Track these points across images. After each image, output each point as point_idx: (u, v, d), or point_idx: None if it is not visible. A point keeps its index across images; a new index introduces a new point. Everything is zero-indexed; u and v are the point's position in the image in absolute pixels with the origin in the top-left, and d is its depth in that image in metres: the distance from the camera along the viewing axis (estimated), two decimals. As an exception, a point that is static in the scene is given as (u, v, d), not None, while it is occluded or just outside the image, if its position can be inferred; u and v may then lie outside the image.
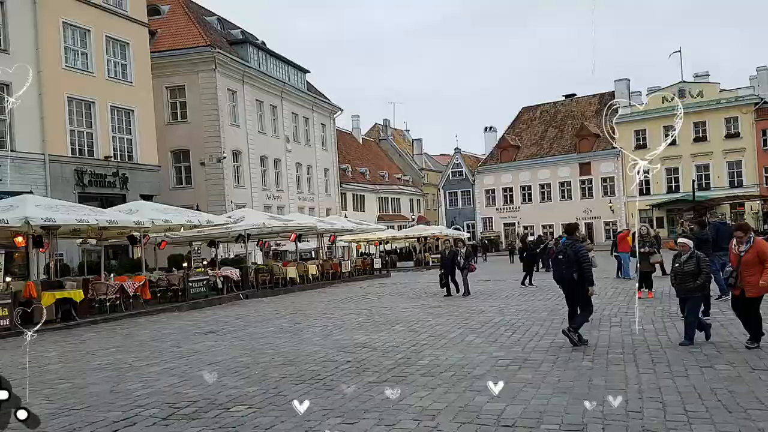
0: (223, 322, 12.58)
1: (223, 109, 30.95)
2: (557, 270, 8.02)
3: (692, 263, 7.44)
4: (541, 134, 56.00)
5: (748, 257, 6.86)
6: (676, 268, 7.60)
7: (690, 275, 7.43)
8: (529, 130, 57.11)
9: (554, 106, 57.90)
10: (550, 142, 54.80)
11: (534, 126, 57.24)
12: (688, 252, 7.56)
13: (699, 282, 7.39)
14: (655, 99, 48.95)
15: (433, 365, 7.05)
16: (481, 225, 56.87)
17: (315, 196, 41.22)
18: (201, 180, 30.17)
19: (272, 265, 21.51)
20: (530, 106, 59.56)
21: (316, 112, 42.31)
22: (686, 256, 7.56)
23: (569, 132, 54.12)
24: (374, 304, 14.59)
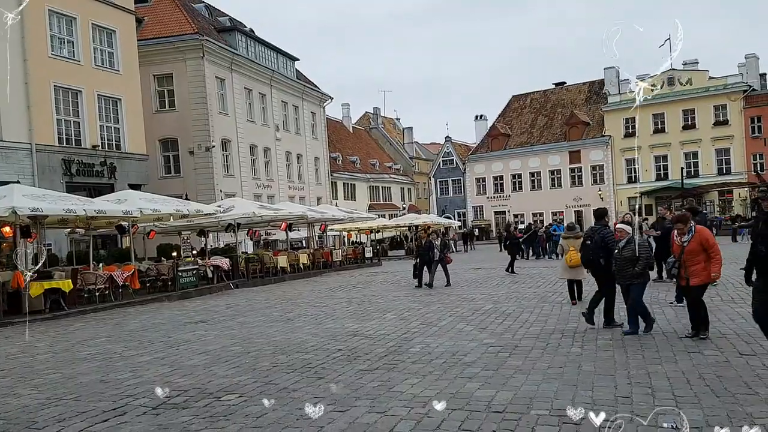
0: (213, 312, 12.55)
1: (211, 97, 30.67)
2: (585, 254, 8.28)
3: (630, 249, 7.29)
4: (531, 122, 56.06)
5: (691, 246, 6.85)
6: (615, 255, 7.46)
7: (629, 261, 7.26)
8: (519, 119, 57.14)
9: (544, 95, 57.92)
10: (540, 130, 54.90)
11: (524, 114, 57.27)
12: (626, 237, 7.42)
13: (638, 269, 7.21)
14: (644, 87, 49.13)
15: (424, 353, 7.07)
16: (472, 213, 57.03)
17: (305, 185, 41.08)
18: (190, 169, 29.95)
19: (263, 255, 21.46)
20: (520, 95, 59.55)
21: (306, 100, 42.03)
22: (624, 241, 7.41)
23: (559, 120, 54.21)
24: (365, 293, 14.61)
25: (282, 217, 22.04)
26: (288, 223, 22.99)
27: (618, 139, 49.59)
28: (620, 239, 7.46)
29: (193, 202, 21.15)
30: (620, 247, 7.40)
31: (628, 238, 7.41)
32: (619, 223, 7.71)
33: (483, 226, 55.39)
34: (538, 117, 56.20)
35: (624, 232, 7.46)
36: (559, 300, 11.24)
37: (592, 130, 51.68)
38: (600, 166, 50.81)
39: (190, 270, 17.15)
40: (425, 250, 15.33)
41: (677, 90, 47.55)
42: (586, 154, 51.02)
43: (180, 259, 18.16)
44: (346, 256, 27.50)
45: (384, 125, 66.91)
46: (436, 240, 15.50)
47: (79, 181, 21.88)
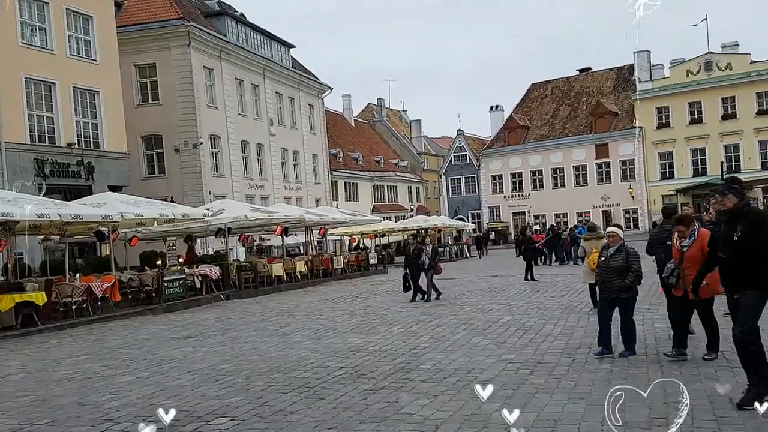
0: (202, 326, 12.57)
1: (198, 89, 30.78)
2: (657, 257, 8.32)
3: (620, 257, 7.06)
4: (553, 113, 55.97)
5: (692, 252, 6.49)
6: (601, 263, 7.23)
7: (616, 272, 7.03)
8: (539, 109, 57.06)
9: (567, 82, 57.83)
10: (562, 121, 54.79)
11: (545, 104, 57.19)
12: (616, 244, 7.19)
13: (627, 281, 6.98)
14: (679, 72, 48.94)
15: (435, 370, 7.06)
16: (488, 215, 56.98)
17: (302, 184, 41.15)
18: (175, 169, 30.07)
19: (256, 262, 21.50)
20: (540, 83, 59.48)
21: (303, 91, 42.14)
22: (614, 248, 7.18)
23: (584, 110, 54.10)
24: (369, 304, 14.61)
25: (277, 220, 22.07)
26: (284, 227, 23.02)
27: (650, 131, 49.41)
28: (611, 245, 7.23)
29: (179, 204, 21.22)
30: (608, 254, 7.18)
31: (619, 245, 7.19)
32: (611, 227, 7.46)
33: (500, 229, 55.32)
34: (560, 107, 56.11)
35: (616, 238, 7.23)
36: (585, 310, 11.20)
37: (620, 121, 51.53)
38: (630, 160, 50.64)
39: (176, 280, 17.20)
40: (414, 257, 14.99)
41: (715, 76, 47.33)
42: (615, 147, 50.87)
43: (165, 269, 18.22)
44: (348, 263, 27.52)
45: (389, 118, 66.98)
46: (428, 246, 15.15)
47: (53, 182, 21.99)
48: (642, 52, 51.41)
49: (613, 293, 7.07)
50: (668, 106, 48.62)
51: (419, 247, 15.15)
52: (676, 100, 48.07)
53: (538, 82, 59.64)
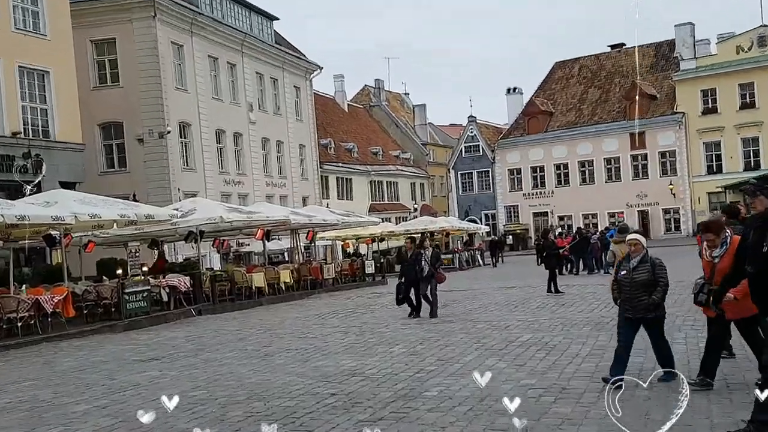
0: (169, 346, 12.57)
1: (165, 68, 30.79)
2: None
3: (644, 270, 6.87)
4: (581, 96, 56.08)
5: (724, 264, 6.28)
6: (622, 277, 7.02)
7: (642, 287, 6.84)
8: (564, 92, 57.17)
9: (597, 60, 57.96)
10: (592, 106, 54.90)
11: (571, 86, 57.29)
12: (639, 254, 6.98)
13: (655, 297, 6.81)
14: (728, 48, 48.99)
15: (443, 397, 7.06)
16: (504, 215, 57.08)
17: (287, 180, 41.16)
18: (138, 162, 30.08)
19: (233, 271, 21.49)
20: (566, 61, 59.58)
21: (288, 71, 42.16)
22: (637, 259, 6.97)
23: (617, 93, 54.23)
24: (366, 320, 14.61)
25: (257, 222, 22.07)
26: (265, 230, 23.01)
27: (694, 117, 49.50)
28: (633, 255, 7.02)
29: (143, 204, 21.20)
30: (631, 266, 6.98)
31: (643, 255, 6.97)
32: (632, 233, 7.25)
33: (518, 232, 55.39)
34: (589, 89, 56.22)
35: (639, 246, 6.99)
36: (618, 327, 11.19)
37: (659, 106, 51.64)
38: (671, 152, 50.76)
39: (139, 292, 17.19)
40: (411, 264, 14.73)
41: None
42: (653, 136, 50.99)
43: (126, 279, 18.21)
44: (341, 272, 27.51)
45: (389, 102, 67.07)
46: (426, 251, 14.91)
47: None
48: (684, 25, 51.56)
49: (639, 312, 6.93)
50: (715, 88, 48.72)
51: (417, 251, 14.95)
52: (724, 81, 48.15)
53: (563, 60, 59.78)
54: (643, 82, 52.72)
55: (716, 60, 48.81)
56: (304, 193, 42.80)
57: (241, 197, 35.68)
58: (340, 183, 50.24)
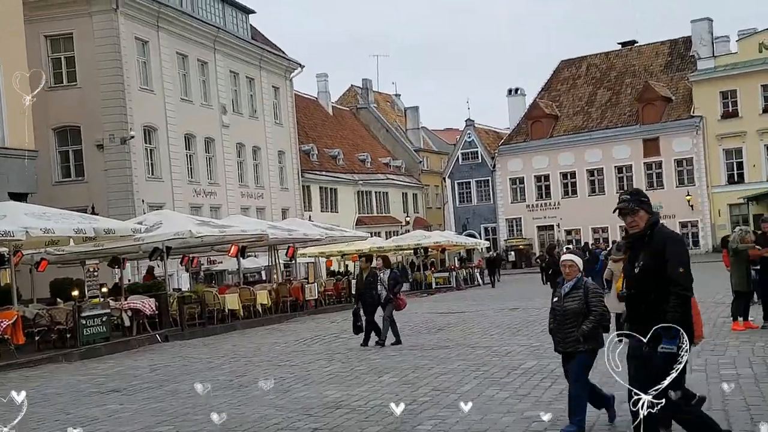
0: (131, 377, 12.47)
1: (129, 67, 30.74)
2: None
3: (577, 297, 6.64)
4: (589, 98, 56.46)
5: None
6: (553, 305, 6.83)
7: (572, 316, 6.60)
8: (571, 93, 57.54)
9: (606, 59, 58.41)
10: (601, 109, 55.28)
11: (578, 87, 57.69)
12: (572, 278, 6.73)
13: (584, 327, 6.52)
14: (749, 46, 49.42)
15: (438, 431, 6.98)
16: (506, 229, 57.21)
17: (265, 190, 41.10)
18: (98, 170, 29.96)
19: (203, 292, 21.39)
20: (572, 59, 60.03)
21: (266, 69, 42.21)
22: (570, 284, 6.73)
23: (628, 95, 54.63)
24: (352, 346, 14.56)
25: (231, 237, 22.01)
26: (240, 247, 22.95)
27: (713, 122, 49.89)
28: (566, 279, 6.77)
29: (102, 217, 21.07)
30: (563, 292, 6.74)
31: (576, 280, 6.73)
32: (566, 254, 6.99)
33: (521, 248, 55.51)
34: (598, 90, 56.62)
35: (573, 269, 6.73)
36: (632, 353, 11.19)
37: (675, 109, 52.05)
38: (687, 159, 51.10)
39: (98, 316, 17.06)
40: (367, 287, 14.37)
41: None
42: (668, 142, 51.34)
43: (84, 301, 18.07)
44: (325, 292, 27.44)
45: (378, 104, 67.27)
46: (382, 272, 14.65)
47: (-64, 189, 21.80)
48: (701, 21, 52.00)
49: (569, 345, 6.67)
50: (736, 89, 49.14)
51: (373, 272, 14.66)
52: (745, 81, 48.57)
53: (569, 59, 60.20)
54: (657, 82, 53.16)
55: (737, 59, 49.25)
56: (284, 204, 42.73)
57: (213, 209, 35.55)
58: (323, 193, 50.22)
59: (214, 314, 20.90)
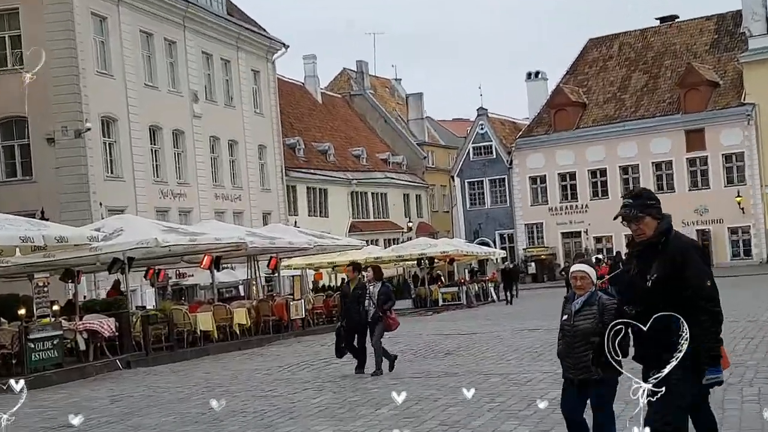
0: (88, 408, 12.45)
1: (85, 47, 30.76)
2: None
3: (590, 315, 6.56)
4: (622, 83, 56.50)
5: None
6: (563, 323, 6.80)
7: (584, 338, 6.49)
8: (600, 77, 57.58)
9: (642, 37, 58.46)
10: (636, 95, 55.31)
11: (609, 70, 57.73)
12: (584, 293, 6.69)
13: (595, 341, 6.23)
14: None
15: (446, 474, 7.02)
16: (525, 236, 57.20)
17: (243, 191, 41.09)
18: (48, 168, 29.95)
19: (171, 311, 21.38)
20: (603, 38, 60.11)
21: (244, 50, 42.23)
22: (582, 300, 6.68)
23: (668, 79, 54.66)
24: (346, 372, 14.56)
25: (204, 246, 22.00)
26: (214, 257, 22.94)
27: (767, 110, 49.85)
28: (578, 294, 6.73)
29: (53, 223, 21.07)
30: (573, 309, 6.65)
31: (590, 295, 6.67)
32: (577, 264, 6.95)
33: (544, 258, 55.48)
34: (632, 74, 56.66)
35: (585, 281, 6.69)
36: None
37: (723, 95, 52.06)
38: (737, 154, 51.13)
39: (48, 339, 17.05)
40: (353, 302, 14.27)
41: None
42: (715, 135, 51.34)
43: (32, 321, 18.06)
44: (313, 310, 27.41)
45: (375, 90, 67.32)
46: (372, 285, 14.38)
47: None
48: (753, -8, 51.92)
49: (581, 372, 6.57)
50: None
51: (362, 284, 14.48)
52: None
53: (598, 38, 60.27)
54: (701, 64, 53.19)
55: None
56: (265, 208, 42.71)
57: (182, 214, 35.53)
58: (311, 195, 50.22)
59: (184, 336, 20.85)
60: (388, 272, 45.71)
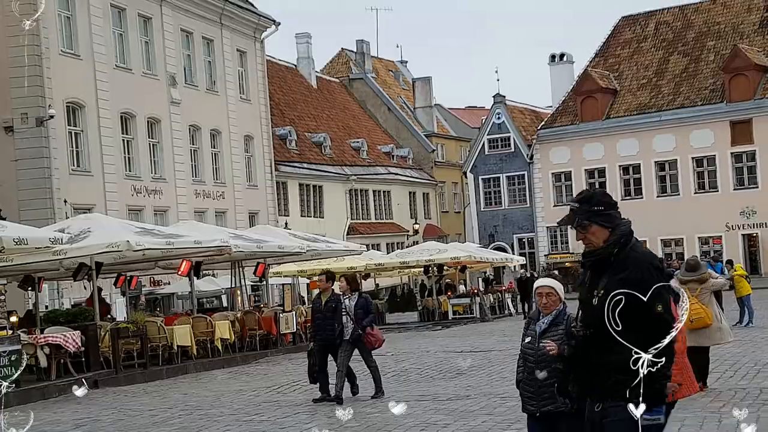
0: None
1: (48, 24, 30.77)
2: None
3: (557, 337, 6.45)
4: (658, 67, 56.44)
5: None
6: (524, 347, 6.71)
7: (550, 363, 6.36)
8: (634, 60, 57.53)
9: (681, 14, 58.39)
10: (674, 82, 55.26)
11: (644, 52, 57.68)
12: (550, 312, 6.64)
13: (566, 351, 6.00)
14: None
15: None
16: (547, 241, 57.14)
17: (227, 188, 41.11)
18: (6, 161, 29.98)
19: (145, 323, 21.40)
20: (636, 16, 60.07)
21: (229, 28, 42.25)
22: (548, 319, 6.64)
23: (711, 63, 54.59)
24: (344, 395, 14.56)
25: (182, 251, 22.03)
26: (193, 263, 22.97)
27: None
28: (543, 313, 6.69)
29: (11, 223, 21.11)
30: (538, 330, 6.58)
31: (558, 313, 6.63)
32: (542, 278, 6.93)
33: (568, 266, 55.44)
34: (670, 57, 56.61)
35: (552, 298, 6.66)
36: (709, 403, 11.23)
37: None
38: (790, 148, 51.03)
39: (5, 355, 17.08)
40: (327, 316, 14.06)
41: None
42: (764, 126, 51.25)
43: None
44: (305, 323, 27.40)
45: (377, 74, 67.33)
46: (347, 297, 14.21)
47: None
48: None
49: (544, 403, 6.49)
50: None
51: (335, 297, 14.26)
52: None
53: (631, 15, 60.23)
54: (749, 46, 53.14)
55: None
56: (252, 207, 42.73)
57: (158, 213, 35.55)
58: (304, 192, 50.23)
59: (159, 352, 20.82)
60: (391, 281, 45.97)
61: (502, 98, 60.23)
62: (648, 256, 5.23)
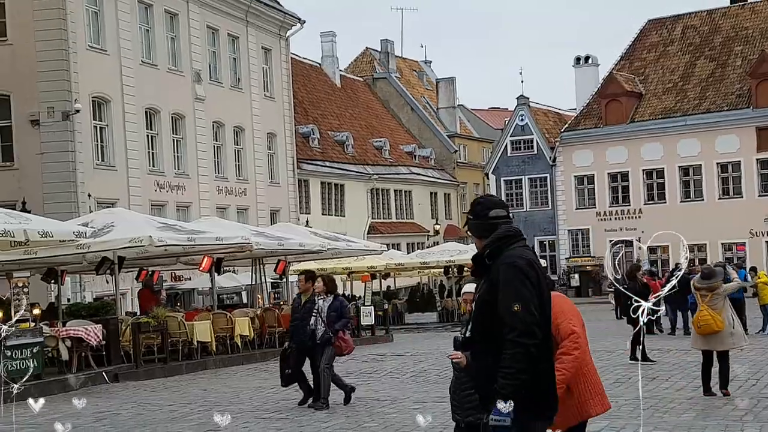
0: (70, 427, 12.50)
1: (75, 18, 30.87)
2: None
3: None
4: (685, 71, 56.12)
5: None
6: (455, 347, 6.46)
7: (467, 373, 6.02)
8: (660, 64, 57.24)
9: (709, 19, 58.02)
10: (700, 86, 54.92)
11: (670, 56, 57.37)
12: None
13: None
14: None
15: None
16: (568, 244, 56.92)
17: (249, 185, 41.16)
18: (31, 154, 30.10)
19: (165, 318, 21.46)
20: (663, 19, 59.75)
21: (254, 25, 42.29)
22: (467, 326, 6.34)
23: (738, 67, 54.22)
24: (361, 394, 14.54)
25: (204, 247, 22.08)
26: (215, 259, 23.01)
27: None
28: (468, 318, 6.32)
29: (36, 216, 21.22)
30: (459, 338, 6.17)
31: None
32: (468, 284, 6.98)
33: (590, 270, 55.23)
34: (696, 61, 56.26)
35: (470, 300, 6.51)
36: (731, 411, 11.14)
37: (800, 88, 51.53)
38: (816, 155, 50.64)
39: (27, 347, 17.17)
40: (304, 317, 13.64)
41: None
42: (790, 132, 50.89)
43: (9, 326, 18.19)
44: (327, 322, 27.45)
45: (401, 74, 67.25)
46: (322, 299, 13.69)
47: None
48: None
49: (467, 412, 6.36)
50: None
51: (311, 299, 13.75)
52: None
53: (658, 19, 59.92)
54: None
55: None
56: (274, 204, 42.77)
57: (180, 209, 35.63)
58: (326, 191, 50.23)
59: (179, 347, 20.88)
60: (410, 281, 45.87)
61: (525, 100, 60.09)
62: (514, 258, 5.13)
